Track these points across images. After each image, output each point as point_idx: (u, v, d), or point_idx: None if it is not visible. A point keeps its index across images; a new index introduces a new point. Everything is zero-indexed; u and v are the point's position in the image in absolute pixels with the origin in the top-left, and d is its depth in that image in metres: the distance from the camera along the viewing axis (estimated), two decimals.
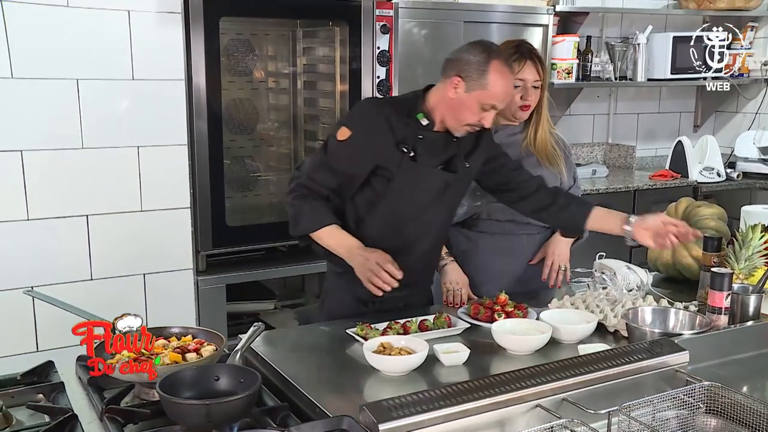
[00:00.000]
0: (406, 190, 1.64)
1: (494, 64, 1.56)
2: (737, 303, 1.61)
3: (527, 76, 1.83)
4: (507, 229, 1.93)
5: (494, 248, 1.92)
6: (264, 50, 3.08)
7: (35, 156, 2.18)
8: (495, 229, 1.92)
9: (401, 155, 1.61)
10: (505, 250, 1.93)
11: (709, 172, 3.88)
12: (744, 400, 1.26)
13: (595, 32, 3.96)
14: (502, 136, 1.91)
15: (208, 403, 1.15)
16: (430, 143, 1.64)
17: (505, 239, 1.93)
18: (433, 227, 1.72)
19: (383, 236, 1.67)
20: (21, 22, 2.10)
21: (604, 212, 1.74)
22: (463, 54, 1.60)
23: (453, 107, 1.60)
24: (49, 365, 1.42)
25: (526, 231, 1.94)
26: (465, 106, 1.58)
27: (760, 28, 4.21)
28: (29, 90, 2.14)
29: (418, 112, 1.64)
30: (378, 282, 1.59)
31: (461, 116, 1.60)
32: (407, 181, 1.63)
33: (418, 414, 1.12)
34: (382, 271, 1.58)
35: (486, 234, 1.93)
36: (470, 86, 1.57)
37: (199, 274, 2.52)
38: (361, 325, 1.57)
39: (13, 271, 2.17)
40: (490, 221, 1.92)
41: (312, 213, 1.65)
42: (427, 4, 3.17)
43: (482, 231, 1.93)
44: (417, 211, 1.67)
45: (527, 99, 1.84)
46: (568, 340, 1.56)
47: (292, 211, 1.68)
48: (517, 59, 1.82)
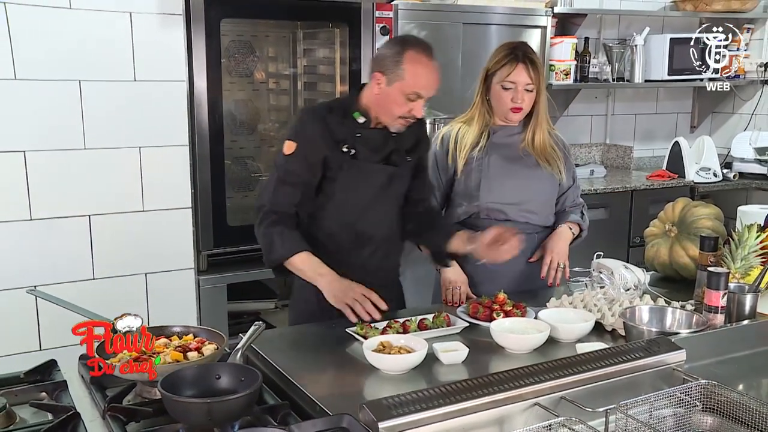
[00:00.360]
0: (350, 187, 1.68)
1: (408, 54, 1.59)
2: (733, 302, 1.62)
3: (518, 79, 1.83)
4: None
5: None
6: (264, 52, 3.09)
7: (38, 156, 2.19)
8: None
9: (342, 155, 1.65)
10: None
11: (706, 173, 3.89)
12: (740, 398, 1.26)
13: (593, 34, 3.97)
14: (501, 136, 1.92)
15: (210, 401, 1.15)
16: (369, 140, 1.67)
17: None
18: (381, 221, 1.75)
19: (335, 233, 1.71)
20: (24, 24, 2.11)
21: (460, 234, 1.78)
22: (381, 50, 1.64)
23: (381, 102, 1.63)
24: (52, 364, 1.42)
25: (525, 231, 1.93)
26: (391, 99, 1.62)
27: (756, 29, 4.22)
28: (32, 91, 2.15)
29: (353, 111, 1.67)
30: (359, 310, 1.60)
31: (390, 110, 1.63)
32: (351, 179, 1.68)
33: (418, 412, 1.12)
34: (367, 302, 1.60)
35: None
36: (390, 79, 1.60)
37: (201, 274, 2.53)
38: (361, 324, 1.58)
39: (16, 271, 2.17)
40: (488, 220, 1.92)
41: (283, 241, 1.67)
42: (427, 5, 3.18)
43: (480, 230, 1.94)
44: (363, 206, 1.71)
45: (518, 101, 1.85)
46: (566, 339, 1.57)
47: (264, 241, 1.69)
48: (509, 61, 1.84)
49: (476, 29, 3.18)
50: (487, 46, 3.10)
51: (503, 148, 1.91)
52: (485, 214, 1.93)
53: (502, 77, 1.85)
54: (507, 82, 1.83)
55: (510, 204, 1.92)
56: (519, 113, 1.88)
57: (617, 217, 3.65)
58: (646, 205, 3.66)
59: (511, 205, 1.92)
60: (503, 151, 1.93)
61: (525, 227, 1.94)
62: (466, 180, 1.93)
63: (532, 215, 1.95)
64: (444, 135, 1.99)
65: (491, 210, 1.92)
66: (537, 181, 1.94)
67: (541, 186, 1.95)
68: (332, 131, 1.66)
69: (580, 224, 2.01)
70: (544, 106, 1.92)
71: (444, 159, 1.96)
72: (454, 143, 1.94)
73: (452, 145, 1.94)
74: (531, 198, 1.94)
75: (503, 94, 1.86)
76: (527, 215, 1.94)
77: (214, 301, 2.54)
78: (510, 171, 1.92)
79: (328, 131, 1.65)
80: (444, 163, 1.96)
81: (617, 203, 3.65)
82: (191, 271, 2.48)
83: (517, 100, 1.85)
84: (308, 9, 2.67)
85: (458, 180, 1.94)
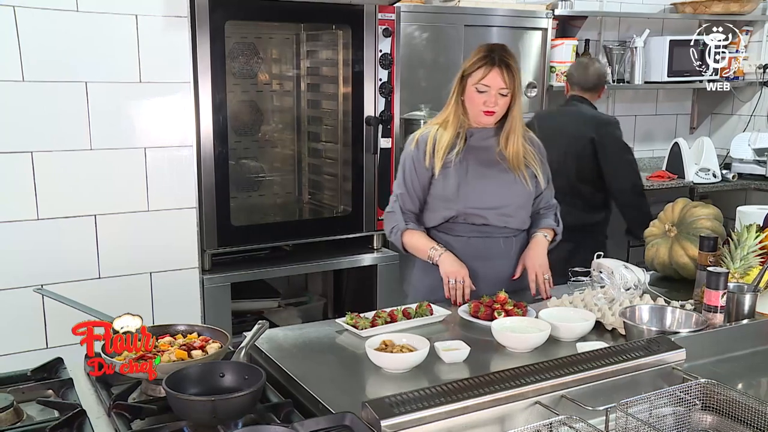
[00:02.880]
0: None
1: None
2: (733, 301, 1.62)
3: (492, 83, 1.80)
4: (484, 232, 1.91)
5: (472, 252, 1.89)
6: (268, 53, 3.10)
7: (45, 157, 2.20)
8: (472, 232, 1.91)
9: None
10: (482, 253, 1.90)
11: (705, 173, 3.90)
12: (739, 397, 1.26)
13: (594, 36, 3.98)
14: (478, 139, 1.90)
15: (214, 399, 1.16)
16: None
17: (482, 242, 1.91)
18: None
19: None
20: (32, 27, 2.12)
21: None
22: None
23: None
24: (59, 362, 1.44)
25: (503, 234, 1.92)
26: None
27: (755, 32, 4.23)
28: (39, 93, 2.16)
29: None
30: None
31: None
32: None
33: (420, 410, 1.13)
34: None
35: (463, 238, 1.91)
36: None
37: (205, 273, 2.54)
38: (351, 315, 1.63)
39: (23, 270, 2.18)
40: (466, 225, 1.90)
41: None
42: (429, 7, 3.20)
43: (459, 235, 1.91)
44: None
45: (490, 105, 1.82)
46: (567, 338, 1.57)
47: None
48: (485, 64, 1.81)
49: (478, 31, 3.19)
50: None
51: (480, 152, 1.88)
52: (463, 218, 1.90)
53: (476, 80, 1.81)
54: (481, 84, 1.80)
55: (489, 208, 1.89)
56: (491, 117, 1.84)
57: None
58: None
59: (489, 209, 1.89)
60: (480, 155, 1.89)
61: (503, 231, 1.92)
62: (444, 183, 1.88)
63: (510, 219, 1.92)
64: (420, 137, 1.93)
65: (469, 214, 1.89)
66: (514, 184, 1.90)
67: (518, 189, 1.91)
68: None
69: (555, 229, 1.99)
70: (519, 111, 1.87)
71: (421, 161, 1.90)
72: (431, 145, 1.89)
73: (429, 148, 1.89)
74: (509, 202, 1.91)
75: (477, 97, 1.82)
76: (505, 219, 1.91)
77: (218, 300, 2.55)
78: (488, 175, 1.89)
79: None
80: (421, 165, 1.90)
81: None
82: (195, 270, 2.49)
83: (490, 103, 1.82)
84: (311, 11, 2.68)
85: (435, 183, 1.90)
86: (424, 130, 1.95)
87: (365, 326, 1.60)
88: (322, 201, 3.13)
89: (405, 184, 1.93)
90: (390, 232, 1.97)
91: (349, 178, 2.86)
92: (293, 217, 3.14)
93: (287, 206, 3.19)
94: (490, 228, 1.91)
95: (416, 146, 1.92)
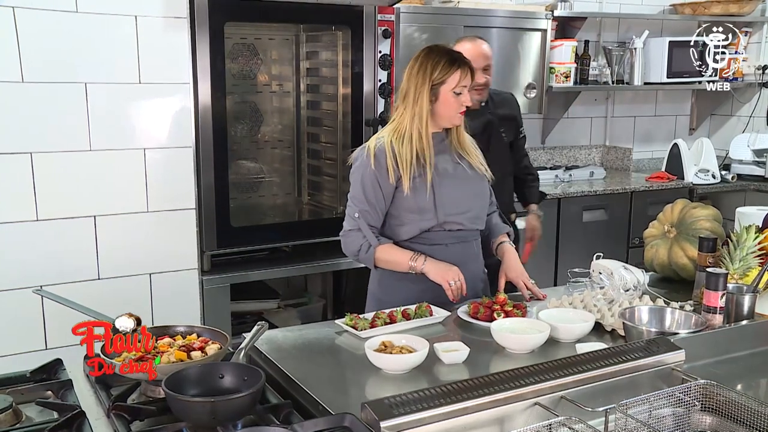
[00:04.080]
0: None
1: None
2: (732, 303, 1.62)
3: (468, 82, 1.84)
4: (460, 238, 1.90)
5: (451, 258, 1.86)
6: (268, 54, 3.10)
7: (44, 158, 2.20)
8: (449, 239, 1.88)
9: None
10: (460, 258, 1.88)
11: (705, 174, 3.91)
12: (739, 398, 1.27)
13: (593, 37, 3.99)
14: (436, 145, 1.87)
15: (213, 400, 1.16)
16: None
17: (459, 248, 1.90)
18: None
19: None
20: (31, 28, 2.12)
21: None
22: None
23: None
24: (58, 363, 1.43)
25: (474, 237, 1.94)
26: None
27: (754, 33, 4.24)
28: (39, 93, 2.16)
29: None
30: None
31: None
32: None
33: (419, 411, 1.13)
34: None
35: (441, 246, 1.87)
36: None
37: (204, 274, 2.53)
38: (350, 315, 1.63)
39: (22, 271, 2.19)
40: (442, 232, 1.87)
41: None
42: (428, 8, 3.20)
43: (437, 243, 1.88)
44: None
45: (468, 102, 1.85)
46: (566, 339, 1.57)
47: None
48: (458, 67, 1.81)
49: (477, 32, 3.17)
50: None
51: (442, 158, 1.87)
52: (440, 227, 1.86)
53: (453, 85, 1.81)
54: (459, 87, 1.82)
55: (464, 213, 1.88)
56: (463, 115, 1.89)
57: (617, 218, 3.67)
58: (645, 206, 3.68)
59: (464, 213, 1.88)
60: (443, 161, 1.88)
61: (474, 234, 1.93)
62: (416, 195, 1.82)
63: (479, 220, 1.93)
64: (377, 150, 1.83)
65: (447, 222, 1.86)
66: (476, 184, 1.91)
67: (481, 189, 1.93)
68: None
69: (509, 232, 2.01)
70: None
71: (384, 176, 1.82)
72: (393, 158, 1.81)
73: (390, 162, 1.81)
74: (479, 203, 1.92)
75: (454, 100, 1.83)
76: (477, 221, 1.92)
77: (218, 301, 2.55)
78: (456, 178, 1.88)
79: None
80: (385, 180, 1.82)
81: (617, 204, 3.67)
82: (195, 271, 2.50)
83: (467, 101, 1.85)
84: (311, 12, 2.68)
85: (405, 197, 1.83)
86: (377, 143, 1.86)
87: (364, 327, 1.60)
88: (321, 202, 3.13)
89: (367, 200, 1.85)
90: (357, 252, 1.87)
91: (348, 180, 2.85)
92: (293, 218, 3.14)
93: (287, 207, 3.20)
94: (465, 232, 1.90)
95: (375, 160, 1.83)
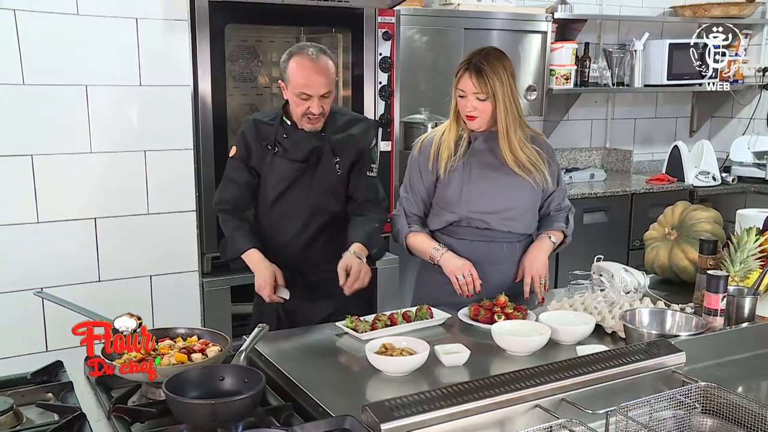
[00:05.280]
0: (268, 179, 1.98)
1: (292, 60, 1.88)
2: (732, 305, 1.62)
3: (466, 87, 1.81)
4: (487, 237, 1.90)
5: (475, 255, 1.87)
6: (268, 56, 3.10)
7: (45, 160, 2.21)
8: (475, 236, 1.89)
9: (266, 152, 1.96)
10: (485, 257, 1.89)
11: (705, 176, 3.91)
12: (739, 401, 1.27)
13: (593, 39, 4.00)
14: (481, 143, 1.89)
15: (214, 402, 1.16)
16: (294, 140, 1.96)
17: (485, 246, 1.90)
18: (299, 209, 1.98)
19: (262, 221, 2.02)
20: (32, 30, 2.13)
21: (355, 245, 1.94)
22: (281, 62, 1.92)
23: (290, 105, 1.93)
24: (58, 365, 1.44)
25: (507, 239, 1.91)
26: (292, 101, 1.91)
27: (754, 35, 4.25)
28: (40, 96, 2.17)
29: (283, 116, 1.97)
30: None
31: (295, 110, 1.91)
32: (268, 172, 1.98)
33: (420, 414, 1.13)
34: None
35: (466, 241, 1.90)
36: (286, 84, 1.90)
37: (205, 276, 2.54)
38: (351, 318, 1.63)
39: (23, 273, 2.19)
40: (469, 228, 1.89)
41: (232, 241, 1.96)
42: (429, 11, 3.21)
43: (462, 238, 1.90)
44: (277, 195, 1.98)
45: (467, 109, 1.82)
46: (567, 341, 1.57)
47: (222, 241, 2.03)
48: (462, 69, 1.82)
49: (477, 34, 3.20)
50: None
51: (484, 155, 1.87)
52: (466, 222, 1.89)
53: (455, 85, 1.84)
54: (459, 90, 1.83)
55: (491, 213, 1.87)
56: (474, 121, 1.84)
57: (617, 220, 3.67)
58: (646, 208, 3.68)
59: (492, 213, 1.87)
60: (484, 158, 1.88)
61: (507, 236, 1.91)
62: (447, 187, 1.88)
63: (514, 223, 1.90)
64: (424, 141, 1.94)
65: (472, 219, 1.88)
66: (518, 188, 1.87)
67: (523, 193, 1.88)
68: (262, 135, 1.97)
69: (564, 231, 1.97)
70: (509, 114, 1.82)
71: (426, 165, 1.90)
72: (435, 150, 1.89)
73: (433, 152, 1.89)
74: (512, 206, 1.88)
75: (460, 102, 1.84)
76: (509, 223, 1.89)
77: (218, 303, 2.55)
78: (491, 178, 1.87)
79: (259, 135, 1.97)
80: (426, 169, 1.91)
81: (617, 207, 3.67)
82: (195, 273, 2.50)
83: (468, 108, 1.82)
84: (311, 14, 2.69)
85: (440, 187, 1.90)
86: (429, 134, 1.97)
87: (365, 329, 1.60)
88: None
89: (410, 187, 1.95)
90: (396, 234, 1.98)
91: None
92: None
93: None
94: (493, 232, 1.90)
95: (420, 150, 1.94)
